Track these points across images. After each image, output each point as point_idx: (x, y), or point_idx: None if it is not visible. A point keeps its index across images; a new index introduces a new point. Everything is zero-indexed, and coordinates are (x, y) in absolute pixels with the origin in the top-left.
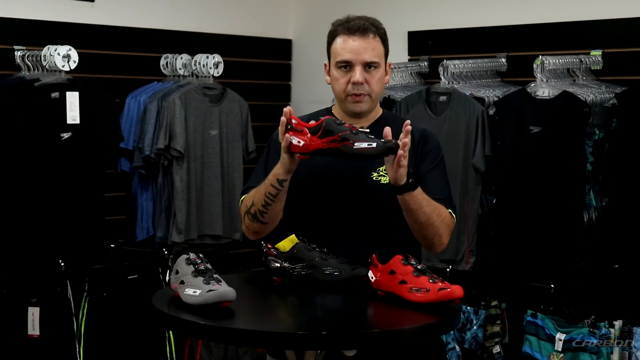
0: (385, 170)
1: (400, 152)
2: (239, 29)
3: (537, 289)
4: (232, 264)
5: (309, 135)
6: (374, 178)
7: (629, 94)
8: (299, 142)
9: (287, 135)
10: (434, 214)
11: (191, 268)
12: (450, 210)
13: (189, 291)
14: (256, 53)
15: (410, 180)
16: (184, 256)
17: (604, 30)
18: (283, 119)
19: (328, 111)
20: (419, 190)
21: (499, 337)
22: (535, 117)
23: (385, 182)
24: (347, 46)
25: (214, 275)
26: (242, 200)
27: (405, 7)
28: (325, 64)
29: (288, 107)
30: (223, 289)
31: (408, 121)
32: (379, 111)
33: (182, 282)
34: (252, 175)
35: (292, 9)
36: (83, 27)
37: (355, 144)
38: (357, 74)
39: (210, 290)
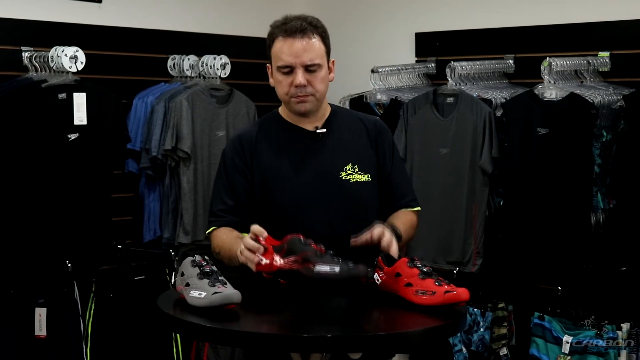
0: (352, 168)
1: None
2: (246, 30)
3: (544, 291)
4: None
5: (273, 254)
6: (343, 177)
7: (636, 95)
8: (262, 260)
9: (249, 254)
10: (412, 231)
11: (196, 270)
12: (416, 208)
13: (195, 293)
14: (263, 54)
15: (397, 232)
16: (189, 258)
17: (611, 32)
18: (256, 245)
19: (274, 115)
20: (402, 229)
21: (506, 339)
22: (542, 119)
23: (355, 180)
24: (287, 49)
25: (220, 278)
26: (210, 232)
27: (413, 9)
28: (267, 66)
29: (258, 227)
30: (228, 292)
31: (354, 240)
32: (327, 109)
33: (187, 284)
34: (215, 196)
35: (298, 9)
36: (90, 28)
37: (317, 267)
38: (299, 76)
39: (215, 293)
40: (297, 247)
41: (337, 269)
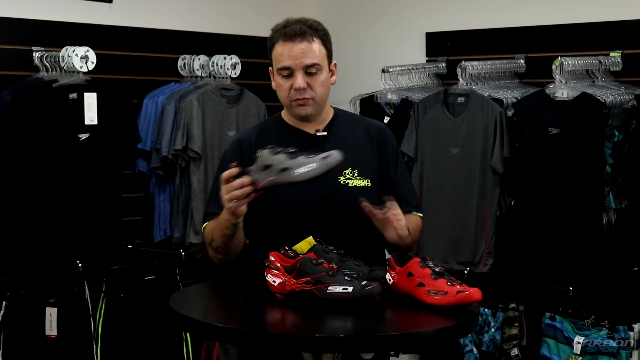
0: (351, 172)
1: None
2: (256, 30)
3: (555, 291)
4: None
5: (284, 275)
6: (342, 182)
7: None
8: (274, 281)
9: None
10: (417, 232)
11: (283, 154)
12: (421, 214)
13: (301, 169)
14: None
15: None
16: (266, 150)
17: (623, 31)
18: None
19: (277, 117)
20: (408, 222)
21: (517, 340)
22: (554, 119)
23: (353, 185)
24: (286, 52)
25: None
26: (204, 228)
27: (423, 8)
28: (270, 69)
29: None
30: (330, 152)
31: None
32: (330, 112)
33: (284, 170)
34: (210, 199)
35: (309, 9)
36: (101, 28)
37: (329, 288)
38: (299, 79)
39: (323, 158)
40: (309, 267)
41: (350, 289)
